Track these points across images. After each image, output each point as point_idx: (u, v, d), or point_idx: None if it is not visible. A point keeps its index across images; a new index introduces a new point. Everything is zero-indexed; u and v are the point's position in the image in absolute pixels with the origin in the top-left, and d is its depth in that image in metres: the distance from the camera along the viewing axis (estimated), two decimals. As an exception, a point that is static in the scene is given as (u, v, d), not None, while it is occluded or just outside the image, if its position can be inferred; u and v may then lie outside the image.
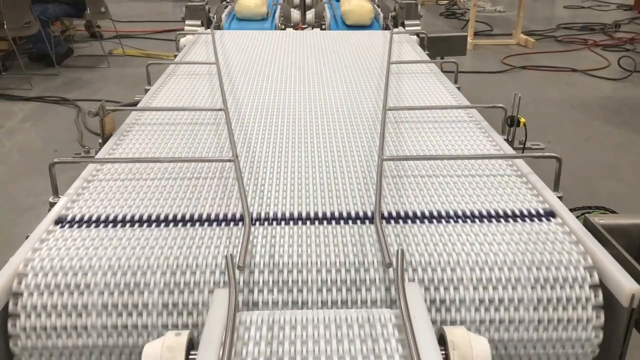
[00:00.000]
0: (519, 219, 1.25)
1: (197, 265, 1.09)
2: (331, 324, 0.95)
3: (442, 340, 0.96)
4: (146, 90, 2.14)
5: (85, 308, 1.05)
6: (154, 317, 1.06)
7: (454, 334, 0.97)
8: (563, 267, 1.10)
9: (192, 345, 0.96)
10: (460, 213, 1.27)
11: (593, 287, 1.08)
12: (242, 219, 1.24)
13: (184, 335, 0.95)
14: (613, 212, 1.78)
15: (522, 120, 1.71)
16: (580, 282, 1.08)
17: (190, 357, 0.93)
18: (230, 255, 1.06)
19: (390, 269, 1.08)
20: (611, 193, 3.52)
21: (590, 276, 1.09)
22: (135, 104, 2.01)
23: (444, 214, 1.27)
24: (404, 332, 0.92)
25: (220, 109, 1.81)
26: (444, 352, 0.94)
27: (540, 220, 1.25)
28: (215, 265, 1.09)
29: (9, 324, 1.05)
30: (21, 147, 4.21)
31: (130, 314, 1.05)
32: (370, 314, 0.98)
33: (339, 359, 0.88)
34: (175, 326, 1.06)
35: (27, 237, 1.18)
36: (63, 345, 1.06)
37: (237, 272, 1.05)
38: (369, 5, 3.30)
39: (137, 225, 1.22)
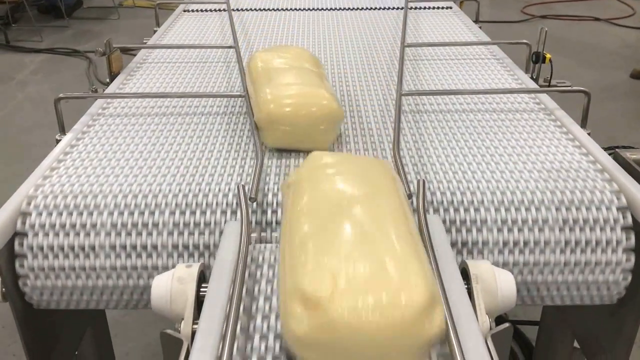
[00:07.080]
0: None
1: (207, 204, 1.04)
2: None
3: (464, 275, 0.91)
4: (154, 32, 2.07)
5: (93, 248, 1.01)
6: (164, 257, 1.02)
7: (477, 267, 0.91)
8: (594, 207, 1.03)
9: (203, 277, 0.92)
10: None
11: (625, 229, 1.02)
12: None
13: (195, 267, 0.91)
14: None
15: (548, 56, 1.62)
16: (612, 223, 1.02)
17: (201, 289, 0.89)
18: (242, 185, 1.01)
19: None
20: (634, 144, 3.41)
21: (624, 217, 1.02)
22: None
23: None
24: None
25: (230, 46, 1.74)
26: (467, 285, 0.89)
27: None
28: (227, 202, 1.04)
29: (17, 264, 1.01)
30: (33, 98, 4.16)
31: (139, 255, 1.01)
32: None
33: None
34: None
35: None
36: (73, 285, 1.03)
37: (249, 203, 1.00)
38: None
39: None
